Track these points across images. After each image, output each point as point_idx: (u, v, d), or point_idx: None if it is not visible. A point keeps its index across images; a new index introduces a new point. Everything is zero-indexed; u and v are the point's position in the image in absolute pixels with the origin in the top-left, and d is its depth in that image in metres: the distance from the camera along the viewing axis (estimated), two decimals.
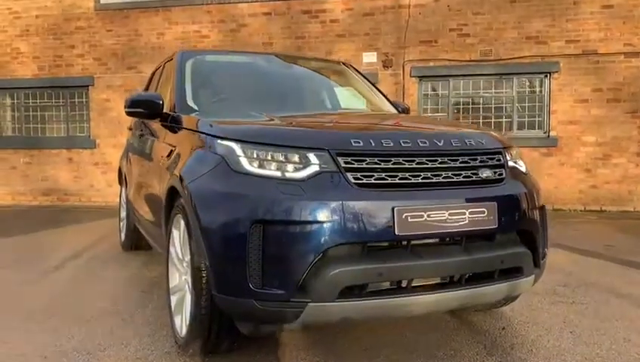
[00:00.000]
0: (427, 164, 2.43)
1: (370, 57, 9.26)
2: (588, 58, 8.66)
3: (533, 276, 2.67)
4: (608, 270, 4.53)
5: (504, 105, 9.06)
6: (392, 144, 2.41)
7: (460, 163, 2.50)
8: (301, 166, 2.33)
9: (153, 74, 5.02)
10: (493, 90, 9.09)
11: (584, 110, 8.73)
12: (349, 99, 4.21)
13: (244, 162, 2.39)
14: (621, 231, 6.71)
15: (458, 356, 2.70)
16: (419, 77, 9.17)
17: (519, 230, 2.61)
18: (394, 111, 4.02)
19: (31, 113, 10.56)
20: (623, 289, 3.88)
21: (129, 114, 3.68)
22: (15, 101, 10.63)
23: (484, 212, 2.43)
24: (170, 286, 2.98)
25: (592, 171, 8.73)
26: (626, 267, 4.66)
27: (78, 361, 2.65)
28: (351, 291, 2.25)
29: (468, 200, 2.41)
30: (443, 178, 2.44)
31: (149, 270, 4.51)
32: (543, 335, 2.99)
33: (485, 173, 2.55)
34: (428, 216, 2.31)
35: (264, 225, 2.24)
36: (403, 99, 9.09)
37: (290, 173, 2.32)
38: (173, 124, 3.30)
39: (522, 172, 2.78)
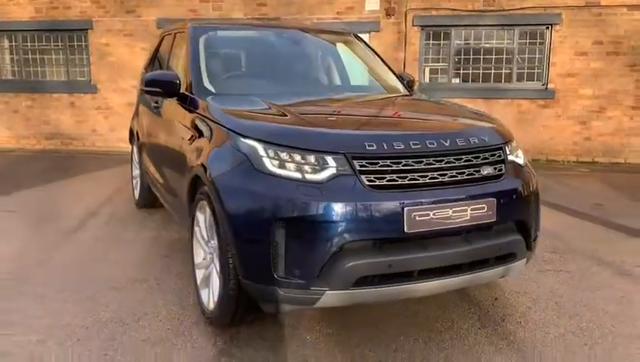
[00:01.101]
0: (434, 164, 2.65)
1: (372, 4, 9.20)
2: (590, 10, 8.66)
3: (525, 259, 2.96)
4: (595, 234, 4.86)
5: (504, 57, 9.12)
6: (402, 146, 2.62)
7: (464, 161, 2.72)
8: (319, 168, 2.54)
9: (162, 40, 5.07)
10: (495, 41, 9.12)
11: (583, 63, 8.82)
12: (358, 75, 4.34)
13: (266, 162, 2.60)
14: (611, 186, 7.02)
15: (455, 327, 3.04)
16: (421, 26, 9.16)
17: (515, 220, 2.88)
18: (400, 87, 4.19)
19: (30, 56, 10.52)
20: (606, 257, 4.21)
21: (146, 92, 3.84)
22: (13, 44, 10.55)
23: (484, 208, 2.68)
24: (196, 262, 3.26)
25: (586, 124, 8.94)
26: (612, 231, 4.98)
27: (117, 332, 2.96)
28: (364, 280, 2.53)
29: (470, 198, 2.65)
30: (448, 177, 2.67)
31: (167, 231, 4.79)
32: (531, 306, 3.33)
33: (486, 171, 2.78)
34: (434, 214, 2.56)
35: (286, 222, 2.49)
36: (405, 49, 9.15)
37: (310, 174, 2.54)
38: (192, 108, 3.46)
39: (520, 165, 3.00)
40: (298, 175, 2.55)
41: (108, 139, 10.37)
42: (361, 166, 2.54)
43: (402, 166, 2.60)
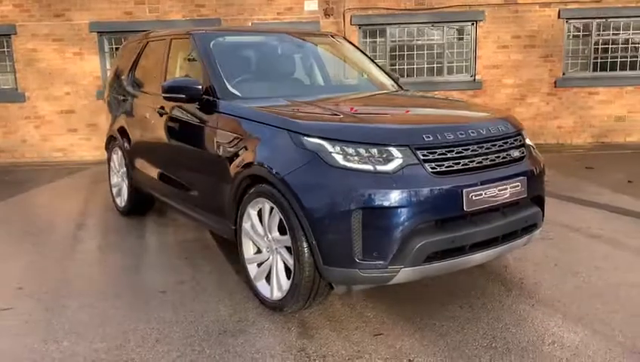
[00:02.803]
0: (477, 150, 3.06)
1: (311, 5, 9.53)
2: (509, 7, 9.57)
3: (540, 228, 3.47)
4: (551, 205, 5.54)
5: (435, 52, 9.83)
6: (452, 136, 3.00)
7: (498, 147, 3.16)
8: (387, 160, 2.86)
9: (145, 47, 5.08)
10: (426, 37, 9.80)
11: (505, 55, 9.74)
12: (355, 73, 4.68)
13: (338, 158, 2.87)
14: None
15: (487, 293, 3.48)
16: (358, 25, 9.63)
17: (535, 195, 3.36)
18: (391, 83, 4.59)
19: None
20: (573, 225, 4.88)
21: (167, 99, 3.93)
22: None
23: (518, 186, 3.13)
24: (246, 257, 3.45)
25: (511, 110, 9.86)
26: (563, 201, 5.71)
27: (190, 329, 3.08)
28: (431, 256, 2.89)
29: (508, 177, 3.09)
30: (489, 161, 3.08)
31: (171, 235, 4.85)
32: (536, 269, 3.85)
33: (515, 153, 3.24)
34: (485, 193, 2.97)
35: (364, 210, 2.78)
36: None
37: (380, 166, 2.84)
38: (224, 112, 3.61)
39: (532, 147, 3.50)
40: (369, 167, 2.84)
41: (40, 150, 9.88)
42: (423, 155, 2.89)
43: (454, 153, 2.98)
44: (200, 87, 3.77)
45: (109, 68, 9.81)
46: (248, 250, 3.45)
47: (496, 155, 3.13)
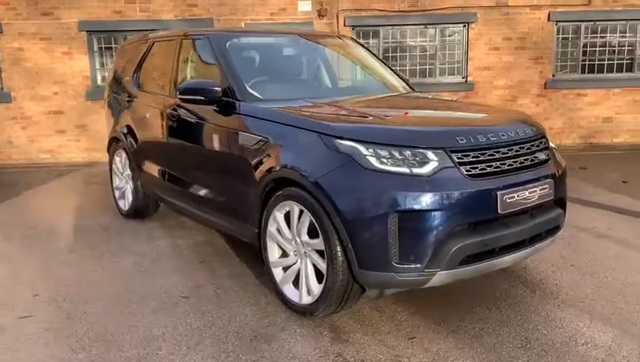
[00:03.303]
0: (508, 153, 3.07)
1: (305, 6, 9.51)
2: (500, 10, 9.68)
3: (562, 229, 3.51)
4: None
5: (428, 53, 9.90)
6: (484, 139, 3.01)
7: (526, 149, 3.18)
8: (422, 162, 2.85)
9: (150, 47, 5.00)
10: (419, 39, 9.85)
11: (496, 57, 9.86)
12: (369, 75, 4.67)
13: (372, 160, 2.86)
14: None
15: (512, 294, 3.51)
16: (352, 26, 9.64)
17: (559, 197, 3.40)
18: (404, 85, 4.60)
19: None
20: (579, 224, 4.95)
21: (184, 100, 3.87)
22: None
23: (546, 187, 3.16)
24: (271, 260, 3.42)
25: None
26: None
27: (220, 335, 3.03)
28: (465, 258, 2.89)
29: (537, 180, 3.12)
30: (519, 163, 3.11)
31: (181, 239, 4.77)
32: (555, 270, 3.89)
33: (541, 156, 3.27)
34: (517, 195, 2.99)
35: (402, 213, 2.77)
36: None
37: (416, 168, 2.84)
38: (246, 114, 3.57)
39: (555, 150, 3.54)
40: (405, 169, 2.83)
41: (27, 152, 9.66)
42: (458, 158, 2.89)
43: (487, 156, 2.99)
44: (218, 88, 3.72)
45: (99, 67, 9.65)
46: (273, 253, 3.42)
47: (524, 158, 3.15)
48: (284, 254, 3.38)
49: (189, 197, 4.27)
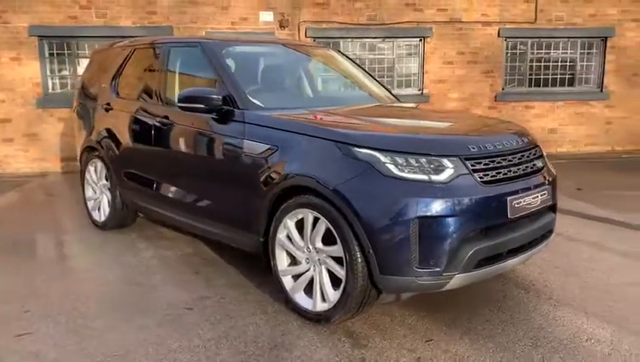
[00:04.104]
0: (512, 160, 3.24)
1: (266, 16, 9.53)
2: (454, 25, 10.09)
3: (554, 233, 3.72)
4: None
5: (386, 65, 10.15)
6: (492, 147, 3.16)
7: (527, 157, 3.36)
8: (439, 170, 2.96)
9: (131, 53, 4.89)
10: (378, 52, 10.10)
11: (450, 71, 10.24)
12: (355, 85, 4.76)
13: (392, 168, 2.93)
14: None
15: (509, 296, 3.67)
16: (313, 37, 9.74)
17: (553, 202, 3.60)
18: (389, 95, 4.73)
19: None
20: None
21: (184, 109, 3.81)
22: None
23: (545, 193, 3.35)
24: (280, 269, 3.42)
25: None
26: None
27: (239, 346, 3.00)
28: (479, 261, 3.01)
29: (539, 186, 3.30)
30: (521, 171, 3.27)
31: (168, 250, 4.65)
32: (542, 272, 4.10)
33: (539, 164, 3.46)
34: (523, 200, 3.15)
35: (422, 219, 2.86)
36: None
37: (434, 176, 2.94)
38: (250, 122, 3.56)
39: (546, 158, 3.75)
40: (424, 177, 2.92)
41: None
42: (472, 165, 3.02)
43: (496, 163, 3.13)
44: (219, 96, 3.69)
45: (50, 74, 9.25)
46: (282, 261, 3.42)
47: (526, 165, 3.32)
48: (294, 262, 3.39)
49: (182, 207, 4.18)
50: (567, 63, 10.62)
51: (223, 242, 4.01)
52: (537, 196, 3.27)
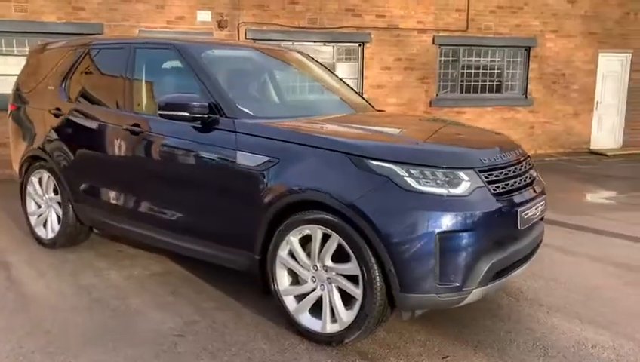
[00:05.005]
0: (516, 171, 3.25)
1: (204, 16, 9.16)
2: (392, 32, 10.23)
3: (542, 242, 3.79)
4: None
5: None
6: (499, 159, 3.15)
7: (523, 168, 3.39)
8: (455, 183, 2.89)
9: (85, 55, 4.45)
10: (319, 56, 9.97)
11: (388, 76, 10.38)
12: (335, 93, 4.62)
13: (410, 181, 2.83)
14: None
15: (502, 305, 3.69)
16: (253, 39, 9.48)
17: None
18: (366, 103, 4.65)
19: None
20: None
21: (164, 117, 3.49)
22: None
23: (543, 203, 3.40)
24: (281, 289, 3.21)
25: None
26: None
27: None
28: (494, 274, 2.99)
29: (539, 196, 3.35)
30: (523, 181, 3.30)
31: (138, 269, 4.27)
32: (525, 279, 4.15)
33: (533, 174, 3.50)
34: (529, 211, 3.17)
35: (443, 234, 2.78)
36: None
37: (452, 189, 2.87)
38: (242, 131, 3.32)
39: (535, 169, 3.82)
40: (443, 190, 2.85)
41: None
42: (485, 178, 2.99)
43: (503, 175, 3.13)
44: (205, 104, 3.43)
45: None
46: (283, 280, 3.22)
47: (524, 176, 3.35)
48: (296, 281, 3.21)
49: (158, 224, 3.82)
50: (495, 71, 11.11)
51: (204, 260, 3.71)
52: (538, 206, 3.31)
